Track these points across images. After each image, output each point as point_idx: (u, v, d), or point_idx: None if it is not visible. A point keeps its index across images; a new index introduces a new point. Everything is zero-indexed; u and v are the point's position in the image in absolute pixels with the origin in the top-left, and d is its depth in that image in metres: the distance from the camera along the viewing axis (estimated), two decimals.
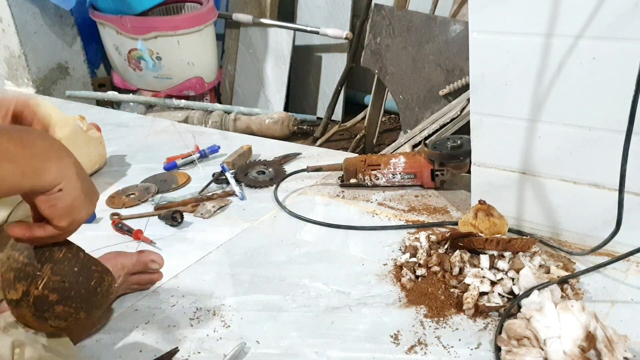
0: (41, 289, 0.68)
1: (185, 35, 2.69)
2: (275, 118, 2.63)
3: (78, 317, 0.73)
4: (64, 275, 0.70)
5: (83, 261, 0.72)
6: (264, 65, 3.05)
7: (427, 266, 0.99)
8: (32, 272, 0.68)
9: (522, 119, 1.00)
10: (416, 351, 0.83)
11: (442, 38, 2.13)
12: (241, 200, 1.33)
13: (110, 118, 2.00)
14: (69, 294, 0.70)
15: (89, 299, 0.73)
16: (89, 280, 0.72)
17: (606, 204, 0.97)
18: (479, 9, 0.96)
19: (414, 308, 0.92)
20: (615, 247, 0.96)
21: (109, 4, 2.63)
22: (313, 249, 1.11)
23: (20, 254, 0.69)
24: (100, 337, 0.90)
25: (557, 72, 0.93)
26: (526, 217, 1.08)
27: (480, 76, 1.01)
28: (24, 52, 2.47)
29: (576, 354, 0.75)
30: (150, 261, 0.99)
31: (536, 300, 0.85)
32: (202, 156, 1.58)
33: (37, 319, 0.71)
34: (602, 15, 0.85)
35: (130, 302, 0.98)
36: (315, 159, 1.54)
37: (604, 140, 0.93)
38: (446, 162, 1.26)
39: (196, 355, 0.85)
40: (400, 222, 1.18)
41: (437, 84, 2.16)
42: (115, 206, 1.34)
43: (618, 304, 0.90)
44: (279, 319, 0.92)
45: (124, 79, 2.90)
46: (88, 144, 1.49)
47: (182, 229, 1.22)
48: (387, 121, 2.98)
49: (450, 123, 1.96)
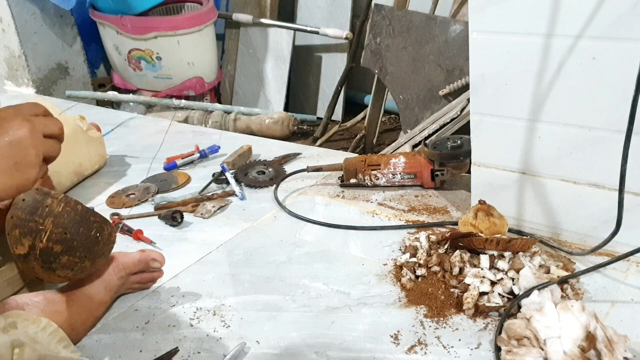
0: (45, 241, 0.74)
1: (185, 35, 2.69)
2: (275, 118, 2.63)
3: (84, 266, 0.79)
4: (65, 227, 0.75)
5: (81, 213, 0.77)
6: (264, 65, 3.05)
7: (427, 266, 0.99)
8: (35, 227, 0.74)
9: (522, 119, 1.00)
10: (416, 351, 0.83)
11: (442, 38, 2.13)
12: (241, 200, 1.33)
13: (110, 118, 2.01)
14: (72, 244, 0.76)
15: (91, 248, 0.79)
16: (89, 230, 0.78)
17: (606, 204, 0.97)
18: (479, 9, 0.96)
19: (414, 308, 0.92)
20: (615, 247, 0.96)
21: (109, 4, 2.63)
22: (313, 249, 1.11)
23: (22, 212, 0.73)
24: (100, 337, 0.90)
25: (557, 72, 0.93)
26: (526, 217, 1.08)
27: (480, 76, 1.01)
28: (24, 52, 2.47)
29: (576, 354, 0.75)
30: (152, 260, 0.99)
31: (536, 300, 0.85)
32: (202, 156, 1.58)
33: (46, 270, 0.77)
34: (602, 15, 0.85)
35: (130, 302, 0.98)
36: (315, 159, 1.54)
37: (604, 140, 0.93)
38: (446, 162, 1.26)
39: (196, 355, 0.85)
40: (400, 222, 1.18)
41: (437, 84, 2.16)
42: (115, 206, 1.34)
43: (618, 304, 0.89)
44: (279, 319, 0.92)
45: (124, 79, 2.90)
46: (88, 144, 1.49)
47: (182, 229, 1.22)
48: (387, 121, 2.98)
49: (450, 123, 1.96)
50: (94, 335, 0.90)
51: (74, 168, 1.43)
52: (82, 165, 1.47)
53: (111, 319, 0.94)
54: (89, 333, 0.90)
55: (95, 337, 0.90)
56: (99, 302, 0.91)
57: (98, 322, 0.92)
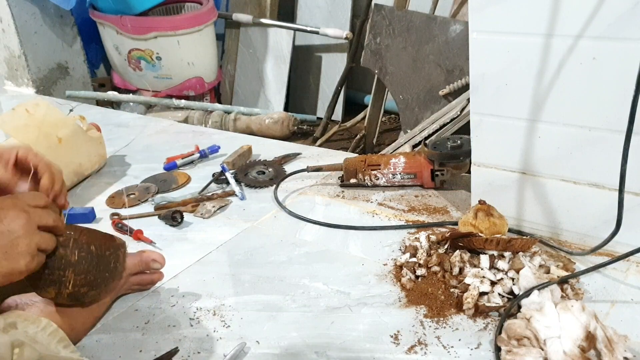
0: (71, 288, 0.77)
1: (185, 35, 2.69)
2: (275, 118, 2.63)
3: (108, 287, 0.84)
4: (87, 272, 0.78)
5: (97, 253, 0.80)
6: (264, 65, 3.05)
7: (427, 266, 0.99)
8: (58, 278, 0.77)
9: (522, 119, 1.00)
10: (416, 351, 0.83)
11: (442, 38, 2.13)
12: (241, 200, 1.33)
13: (110, 118, 2.00)
14: (97, 282, 0.80)
15: (113, 274, 0.83)
16: (107, 264, 0.81)
17: (606, 204, 0.97)
18: (479, 9, 0.96)
19: (414, 308, 0.92)
20: (615, 247, 0.96)
21: (109, 4, 2.63)
22: (313, 249, 1.11)
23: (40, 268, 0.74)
24: (100, 337, 0.90)
25: (557, 72, 0.93)
26: (526, 217, 1.08)
27: (480, 76, 1.01)
28: (24, 52, 2.46)
29: (576, 354, 0.75)
30: (152, 261, 0.99)
31: (536, 300, 0.85)
32: (202, 156, 1.58)
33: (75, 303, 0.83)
34: (602, 15, 0.85)
35: (130, 302, 0.98)
36: (315, 159, 1.54)
37: (604, 140, 0.93)
38: (446, 162, 1.26)
39: (196, 355, 0.85)
40: (400, 222, 1.18)
41: (437, 84, 2.16)
42: (115, 206, 1.34)
43: (618, 304, 0.89)
44: (279, 319, 0.92)
45: (124, 79, 2.90)
46: (88, 144, 1.49)
47: (182, 229, 1.22)
48: (387, 121, 2.98)
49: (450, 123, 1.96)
50: (94, 335, 0.90)
51: (74, 168, 1.43)
52: (82, 165, 1.47)
53: (111, 319, 0.94)
54: (89, 333, 0.90)
55: (95, 337, 0.90)
56: (99, 302, 0.91)
57: (98, 322, 0.92)
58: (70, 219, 1.23)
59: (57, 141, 1.38)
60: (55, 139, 1.38)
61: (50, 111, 1.41)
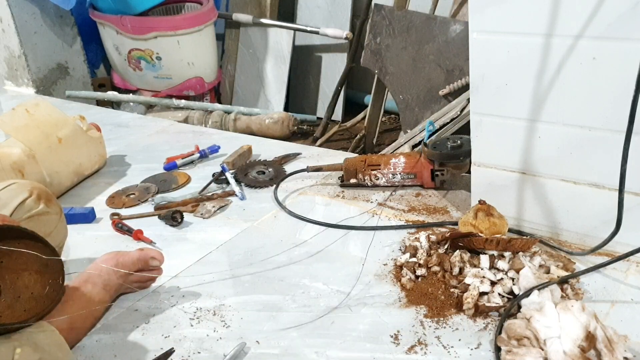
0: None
1: (185, 35, 2.69)
2: (275, 118, 2.63)
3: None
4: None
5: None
6: (264, 65, 3.05)
7: (427, 266, 0.99)
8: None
9: (522, 119, 1.00)
10: (416, 351, 0.83)
11: (442, 38, 2.13)
12: (241, 200, 1.33)
13: (110, 118, 2.01)
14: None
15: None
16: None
17: (606, 204, 0.97)
18: (479, 9, 0.96)
19: (414, 308, 0.92)
20: (615, 247, 0.96)
21: (109, 4, 2.63)
22: (313, 249, 1.11)
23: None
24: (100, 337, 0.90)
25: (557, 72, 0.93)
26: (526, 217, 1.08)
27: (480, 76, 1.01)
28: (24, 52, 2.47)
29: (576, 354, 0.75)
30: (151, 258, 0.99)
31: (536, 300, 0.85)
32: (202, 156, 1.58)
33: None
34: (602, 15, 0.85)
35: (130, 302, 0.98)
36: (315, 159, 1.54)
37: (604, 140, 0.93)
38: (446, 162, 1.26)
39: (196, 355, 0.85)
40: (400, 222, 1.18)
41: (437, 84, 2.16)
42: (115, 206, 1.34)
43: (618, 304, 0.89)
44: (279, 319, 0.92)
45: (124, 79, 2.90)
46: (88, 144, 1.49)
47: (182, 229, 1.22)
48: (387, 121, 2.98)
49: (450, 123, 1.95)
50: (94, 335, 0.90)
51: (74, 168, 1.43)
52: (82, 165, 1.47)
53: (111, 319, 0.94)
54: (89, 333, 0.90)
55: (95, 337, 0.90)
56: (99, 302, 0.91)
57: (98, 322, 0.92)
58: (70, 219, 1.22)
59: (57, 141, 1.38)
60: (55, 139, 1.38)
61: (50, 111, 1.41)
